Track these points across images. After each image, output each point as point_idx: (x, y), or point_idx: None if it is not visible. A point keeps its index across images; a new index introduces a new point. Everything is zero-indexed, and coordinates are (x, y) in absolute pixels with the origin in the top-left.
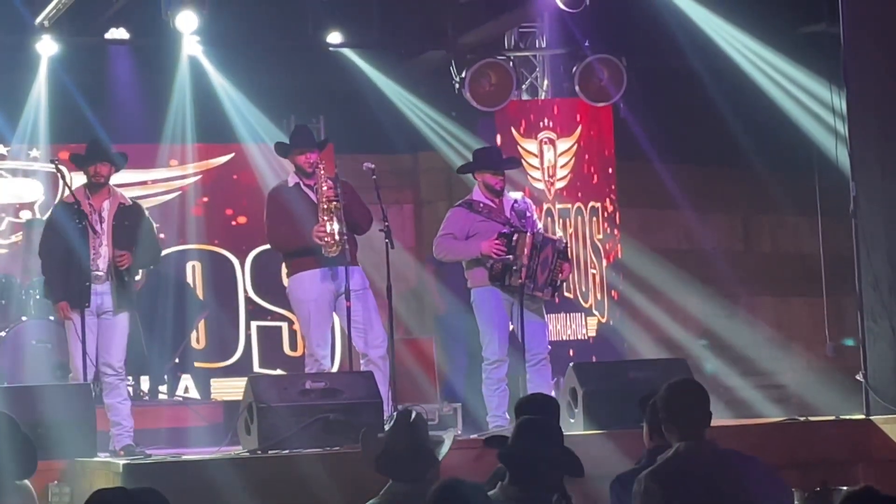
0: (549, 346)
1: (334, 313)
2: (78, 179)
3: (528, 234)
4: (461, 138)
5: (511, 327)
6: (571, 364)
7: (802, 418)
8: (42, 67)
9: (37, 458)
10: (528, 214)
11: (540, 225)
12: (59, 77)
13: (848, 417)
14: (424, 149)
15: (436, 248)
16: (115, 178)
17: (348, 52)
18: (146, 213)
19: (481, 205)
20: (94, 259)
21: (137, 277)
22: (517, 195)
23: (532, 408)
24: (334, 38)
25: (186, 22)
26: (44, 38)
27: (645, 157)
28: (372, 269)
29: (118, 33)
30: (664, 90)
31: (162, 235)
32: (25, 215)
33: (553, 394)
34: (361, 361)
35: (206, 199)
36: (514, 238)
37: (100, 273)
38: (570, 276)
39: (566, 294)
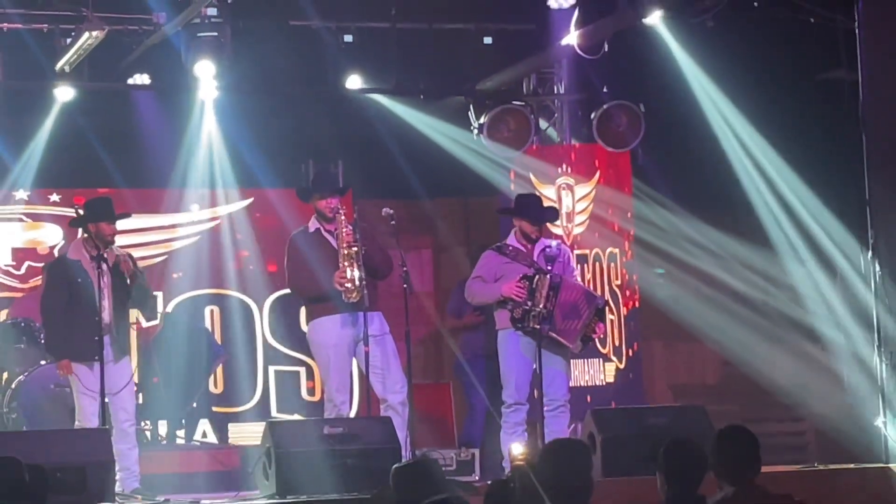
0: (569, 394)
1: (354, 358)
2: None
3: (547, 276)
4: (481, 183)
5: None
6: (590, 410)
7: (821, 466)
8: (60, 113)
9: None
10: (560, 260)
11: (577, 274)
12: (78, 122)
13: (867, 465)
14: (443, 194)
15: (466, 290)
16: (136, 223)
17: (367, 97)
18: (135, 261)
19: (510, 248)
20: (100, 312)
21: (155, 322)
22: (552, 241)
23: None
24: (353, 83)
25: (205, 69)
26: (62, 84)
27: (664, 202)
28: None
29: (140, 79)
30: (682, 136)
31: (175, 274)
32: (45, 259)
33: None
34: (381, 407)
35: (224, 244)
36: (535, 280)
37: (105, 324)
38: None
39: None
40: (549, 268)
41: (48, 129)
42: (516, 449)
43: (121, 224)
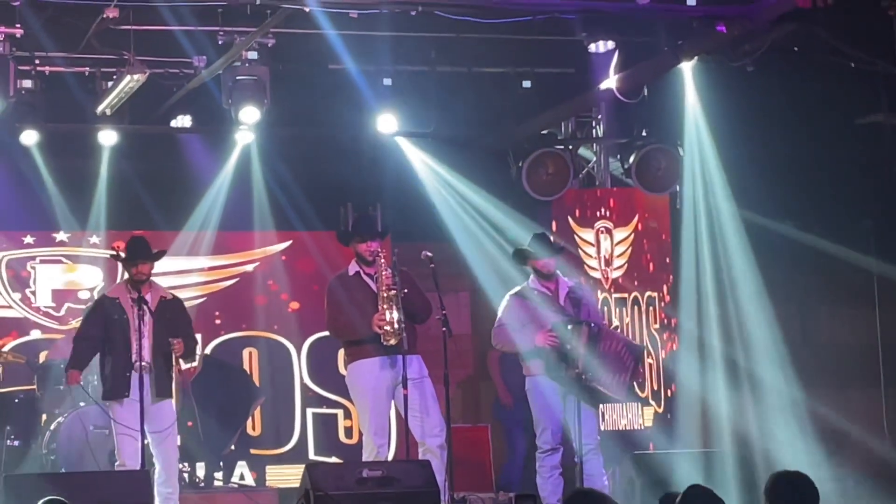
0: (599, 437)
1: (392, 401)
2: None
3: (584, 325)
4: (518, 226)
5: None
6: (629, 454)
7: None
8: (100, 156)
9: None
10: (584, 302)
11: (601, 313)
12: (118, 165)
13: None
14: (480, 237)
15: (493, 337)
16: (176, 265)
17: (405, 141)
18: (184, 307)
19: (535, 292)
20: (137, 351)
21: (194, 364)
22: (572, 282)
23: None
24: (391, 126)
25: (249, 115)
26: (104, 127)
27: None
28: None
29: (181, 121)
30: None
31: (218, 321)
32: (84, 300)
33: (608, 483)
34: (420, 450)
35: (263, 286)
36: (570, 329)
37: (144, 363)
38: None
39: None
40: (576, 310)
41: (86, 172)
42: None
43: (161, 266)
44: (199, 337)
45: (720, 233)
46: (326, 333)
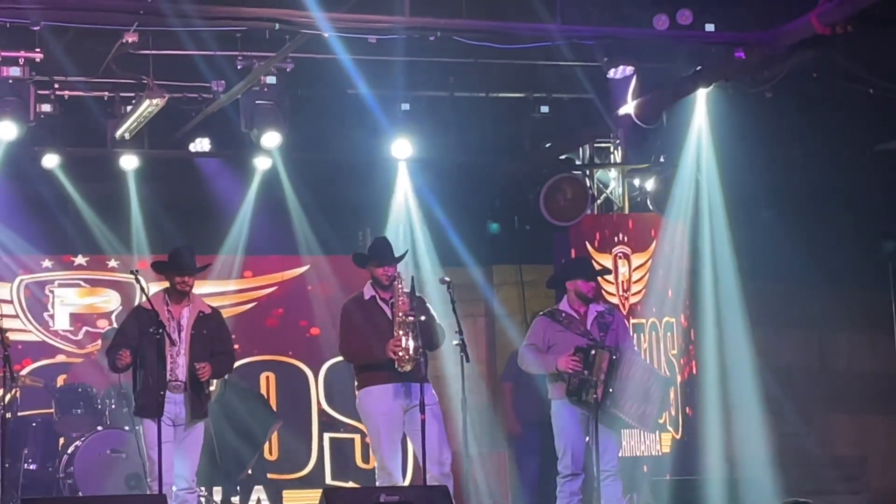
0: (618, 464)
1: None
2: (155, 286)
3: (606, 351)
4: (536, 251)
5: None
6: (647, 480)
7: None
8: (120, 179)
9: None
10: (613, 328)
11: (632, 337)
12: (138, 188)
13: None
14: (498, 262)
15: (519, 358)
16: (202, 290)
17: (418, 166)
18: (224, 320)
19: (563, 314)
20: (171, 369)
21: (212, 388)
22: (603, 306)
23: None
24: (407, 151)
25: (271, 140)
26: (123, 151)
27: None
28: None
29: (200, 143)
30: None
31: (237, 346)
32: (102, 325)
33: None
34: (427, 478)
35: (281, 311)
36: (592, 353)
37: (178, 383)
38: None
39: None
40: (603, 335)
41: (105, 196)
42: None
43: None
44: None
45: (734, 258)
46: (341, 357)
